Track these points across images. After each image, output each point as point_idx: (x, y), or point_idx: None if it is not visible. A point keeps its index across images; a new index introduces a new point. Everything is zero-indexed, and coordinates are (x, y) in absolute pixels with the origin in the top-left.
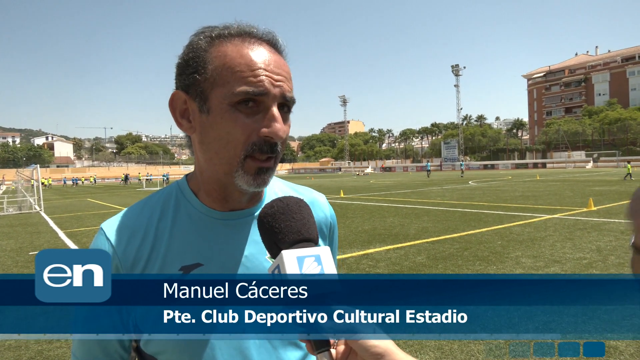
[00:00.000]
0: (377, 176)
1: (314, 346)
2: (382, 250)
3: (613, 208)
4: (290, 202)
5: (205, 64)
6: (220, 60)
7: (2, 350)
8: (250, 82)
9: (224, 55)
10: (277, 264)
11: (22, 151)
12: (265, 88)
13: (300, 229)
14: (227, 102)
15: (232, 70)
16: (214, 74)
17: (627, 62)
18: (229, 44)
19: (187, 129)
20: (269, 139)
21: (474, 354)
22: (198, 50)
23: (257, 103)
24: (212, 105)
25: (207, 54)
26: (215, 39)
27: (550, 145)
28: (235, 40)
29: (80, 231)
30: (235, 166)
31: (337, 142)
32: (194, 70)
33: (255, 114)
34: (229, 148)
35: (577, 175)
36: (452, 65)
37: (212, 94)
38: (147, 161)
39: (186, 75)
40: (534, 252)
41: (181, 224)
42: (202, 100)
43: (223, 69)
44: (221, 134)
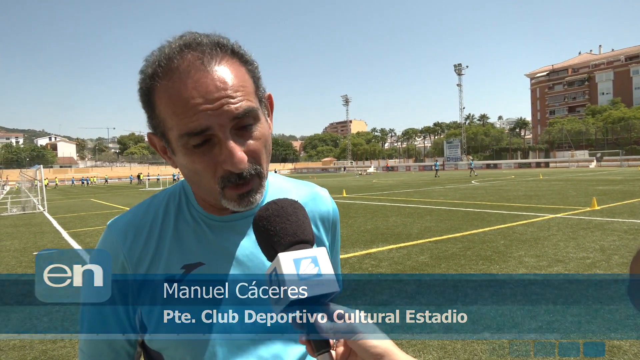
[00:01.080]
0: (380, 176)
1: (313, 347)
2: (384, 250)
3: (617, 207)
4: (285, 204)
5: (153, 107)
6: (160, 103)
7: (6, 350)
8: (190, 125)
9: (159, 98)
10: (274, 267)
11: (26, 152)
12: (204, 125)
13: (295, 231)
14: (182, 145)
15: (171, 113)
16: (160, 118)
17: (631, 61)
18: (160, 85)
19: (172, 164)
20: (232, 171)
21: (476, 353)
22: (143, 95)
23: (208, 138)
24: (174, 147)
25: (150, 97)
26: (151, 78)
27: (553, 145)
28: (163, 81)
29: (83, 231)
30: (217, 196)
31: (339, 141)
32: (149, 114)
33: (212, 148)
34: (204, 182)
35: (580, 174)
36: (455, 65)
37: (170, 136)
38: (149, 161)
39: (147, 118)
40: (537, 251)
41: (184, 223)
42: (166, 141)
43: (165, 114)
44: (191, 172)
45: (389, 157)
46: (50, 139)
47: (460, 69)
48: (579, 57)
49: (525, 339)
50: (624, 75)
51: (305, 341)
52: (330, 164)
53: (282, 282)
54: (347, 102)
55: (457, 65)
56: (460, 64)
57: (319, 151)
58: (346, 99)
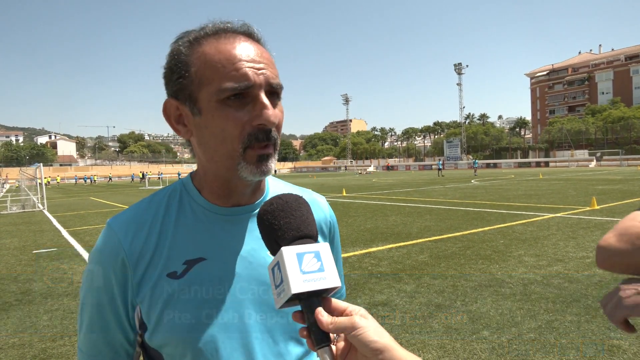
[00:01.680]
0: (380, 175)
1: (314, 341)
2: (384, 249)
3: (616, 207)
4: (289, 199)
5: (188, 67)
6: (200, 60)
7: (5, 349)
8: (233, 76)
9: (204, 55)
10: (277, 261)
11: (26, 150)
12: (249, 80)
13: (299, 226)
14: (215, 100)
15: (214, 68)
16: (198, 75)
17: (631, 60)
18: (207, 43)
19: (184, 133)
20: (262, 126)
21: (476, 352)
22: (179, 56)
23: (244, 95)
24: (202, 106)
25: (188, 57)
26: (193, 42)
27: (553, 144)
28: (211, 39)
29: (83, 230)
30: (237, 159)
31: (339, 140)
32: (179, 75)
33: (245, 105)
34: (227, 143)
35: (580, 174)
36: (455, 64)
37: (200, 95)
38: (149, 160)
39: (173, 82)
40: (536, 251)
41: (185, 219)
42: (191, 103)
43: (205, 69)
44: (216, 132)
45: (388, 156)
46: (50, 137)
47: (460, 69)
48: (579, 57)
49: (526, 339)
50: (624, 75)
51: (306, 335)
52: (330, 163)
53: (285, 276)
54: (347, 101)
55: (457, 65)
56: (460, 64)
57: (319, 150)
58: (346, 98)
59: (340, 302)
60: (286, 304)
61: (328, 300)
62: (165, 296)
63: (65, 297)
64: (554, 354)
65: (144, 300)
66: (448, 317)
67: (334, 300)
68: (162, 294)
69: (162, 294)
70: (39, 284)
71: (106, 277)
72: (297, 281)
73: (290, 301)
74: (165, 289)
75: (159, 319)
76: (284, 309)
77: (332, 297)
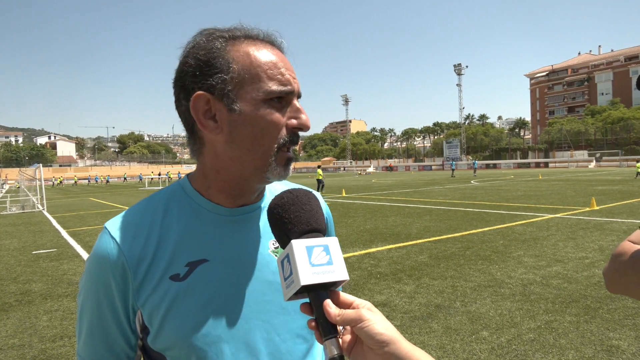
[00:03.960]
0: (379, 175)
1: (321, 332)
2: (384, 250)
3: (616, 208)
4: (299, 194)
5: (229, 63)
6: (245, 59)
7: (5, 349)
8: (279, 80)
9: (247, 55)
10: (287, 253)
11: (25, 150)
12: (292, 85)
13: (309, 220)
14: (261, 99)
15: (261, 69)
16: (242, 72)
17: (630, 61)
18: (246, 45)
19: (212, 129)
20: (297, 129)
21: (475, 352)
22: (218, 51)
23: (282, 99)
24: (244, 104)
25: (228, 54)
26: (229, 39)
27: (552, 145)
28: (248, 42)
29: (82, 230)
30: (269, 160)
31: (339, 141)
32: (219, 70)
33: (283, 108)
34: (264, 143)
35: (579, 174)
36: (455, 65)
37: (241, 92)
38: (149, 160)
39: (209, 76)
40: (536, 251)
41: (186, 221)
42: (230, 99)
43: (251, 68)
44: (255, 130)
45: (388, 157)
46: (49, 137)
47: (460, 69)
48: (578, 58)
49: (524, 339)
50: (624, 76)
51: (314, 326)
52: (330, 163)
53: (295, 268)
54: (346, 101)
55: (457, 65)
56: (460, 64)
57: (318, 151)
58: (346, 98)
59: (347, 296)
60: (294, 296)
61: (336, 293)
62: (169, 299)
63: (65, 297)
64: (553, 354)
65: (145, 304)
66: (447, 318)
67: (341, 293)
68: (165, 297)
69: (165, 296)
70: (39, 284)
71: (106, 283)
72: (306, 273)
73: (299, 293)
74: (168, 291)
75: (163, 322)
76: (287, 307)
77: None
